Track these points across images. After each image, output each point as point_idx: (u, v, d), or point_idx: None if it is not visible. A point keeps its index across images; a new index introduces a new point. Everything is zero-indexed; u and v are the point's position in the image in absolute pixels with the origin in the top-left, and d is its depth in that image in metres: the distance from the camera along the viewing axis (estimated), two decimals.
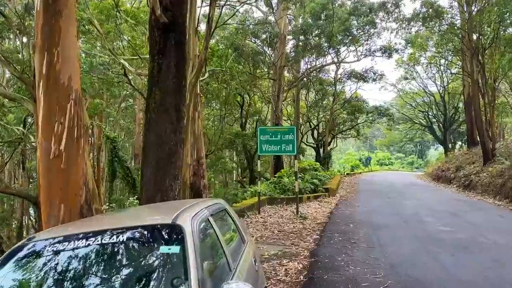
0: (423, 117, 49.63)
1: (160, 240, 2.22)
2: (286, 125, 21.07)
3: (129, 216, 2.83)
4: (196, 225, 2.35)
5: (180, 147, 9.57)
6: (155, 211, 3.22)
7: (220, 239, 2.67)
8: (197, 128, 15.48)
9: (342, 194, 16.55)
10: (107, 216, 3.21)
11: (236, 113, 37.72)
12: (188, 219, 2.33)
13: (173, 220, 2.28)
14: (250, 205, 10.46)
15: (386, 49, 31.82)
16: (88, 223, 2.97)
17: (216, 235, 2.67)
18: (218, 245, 2.62)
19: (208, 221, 2.69)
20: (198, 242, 2.20)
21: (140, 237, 2.25)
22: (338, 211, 11.08)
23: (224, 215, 3.36)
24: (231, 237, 3.28)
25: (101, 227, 2.39)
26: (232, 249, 3.00)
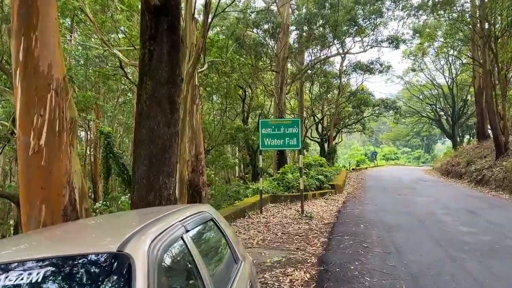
0: (430, 110, 48.61)
1: (96, 280, 1.44)
2: (290, 118, 20.01)
3: (66, 236, 2.04)
4: (158, 252, 1.58)
5: (175, 141, 8.80)
6: (108, 227, 2.40)
7: (199, 266, 1.91)
8: (196, 122, 14.71)
9: (349, 190, 15.76)
10: (39, 235, 2.40)
11: (238, 107, 36.94)
12: (144, 245, 1.56)
13: (119, 247, 1.51)
14: (252, 204, 9.71)
15: (394, 39, 30.89)
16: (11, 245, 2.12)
17: (193, 260, 1.90)
18: (195, 276, 1.85)
19: (182, 242, 1.92)
20: (156, 279, 1.44)
21: (68, 275, 1.48)
22: (346, 209, 10.29)
23: (210, 228, 2.59)
24: (218, 259, 2.51)
25: (17, 256, 1.63)
26: (219, 276, 2.23)
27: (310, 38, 30.57)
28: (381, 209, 10.25)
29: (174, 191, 9.20)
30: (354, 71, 34.80)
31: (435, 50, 41.36)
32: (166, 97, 8.84)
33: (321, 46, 31.71)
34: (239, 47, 26.70)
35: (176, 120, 9.12)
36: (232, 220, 8.00)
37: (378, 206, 10.95)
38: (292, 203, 11.62)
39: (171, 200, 9.14)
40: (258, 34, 28.87)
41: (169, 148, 8.97)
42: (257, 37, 28.77)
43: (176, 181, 9.65)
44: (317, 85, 37.93)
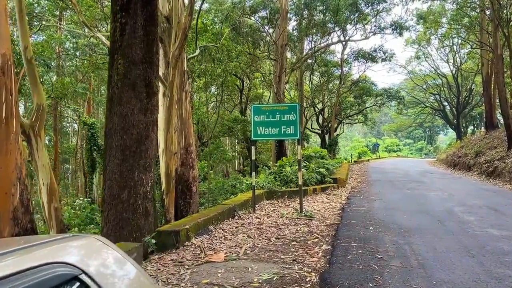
0: (434, 100, 47.21)
1: None
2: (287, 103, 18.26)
3: None
4: None
5: (152, 131, 7.49)
6: None
7: None
8: (185, 111, 13.41)
9: (353, 184, 14.51)
10: None
11: (236, 98, 35.62)
12: None
13: None
14: (244, 202, 8.45)
15: (397, 26, 29.42)
16: None
17: None
18: None
19: None
20: None
21: None
22: (351, 207, 9.04)
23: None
24: None
25: None
26: None
27: (310, 25, 29.16)
28: (391, 207, 9.00)
29: (152, 188, 7.86)
30: (356, 60, 33.40)
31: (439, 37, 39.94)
32: (142, 78, 7.45)
33: (322, 34, 30.29)
34: (236, 35, 25.34)
35: (154, 105, 7.75)
36: (219, 222, 6.75)
37: (387, 202, 9.69)
38: (290, 199, 10.37)
39: (148, 198, 7.81)
40: (256, 20, 27.46)
41: (146, 138, 7.62)
42: (254, 23, 27.37)
43: (153, 176, 8.27)
44: (317, 75, 36.58)
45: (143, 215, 7.24)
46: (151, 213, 7.35)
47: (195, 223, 5.81)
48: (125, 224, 7.02)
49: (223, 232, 6.32)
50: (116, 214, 7.12)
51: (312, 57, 31.62)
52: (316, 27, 28.77)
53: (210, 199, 23.27)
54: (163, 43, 13.09)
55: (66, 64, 28.31)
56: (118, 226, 7.01)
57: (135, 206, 7.21)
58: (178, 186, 13.22)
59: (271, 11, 26.43)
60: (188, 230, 5.54)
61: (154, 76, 7.34)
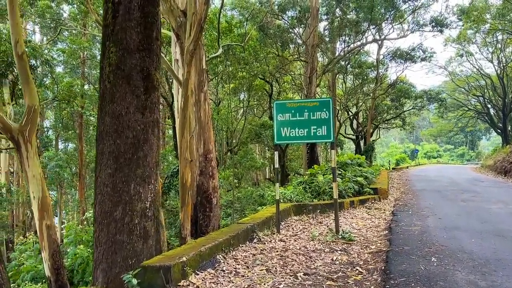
0: (477, 102, 44.02)
1: None
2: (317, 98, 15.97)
3: None
4: None
5: (152, 133, 6.06)
6: None
7: None
8: (204, 114, 12.05)
9: (396, 195, 12.67)
10: None
11: (264, 103, 34.23)
12: None
13: None
14: (267, 219, 6.93)
15: (438, 22, 27.20)
16: None
17: None
18: None
19: None
20: None
21: None
22: (400, 226, 7.32)
23: None
24: None
25: None
26: None
27: (342, 24, 27.43)
28: (450, 225, 7.22)
29: (154, 203, 6.47)
30: (392, 60, 31.27)
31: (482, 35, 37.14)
32: (138, 69, 6.07)
33: (355, 33, 28.43)
34: (263, 36, 23.98)
35: (155, 103, 6.35)
36: (231, 249, 5.27)
37: (443, 219, 7.90)
38: (323, 215, 8.75)
39: (147, 216, 6.49)
40: (284, 20, 26.03)
41: (144, 142, 6.21)
42: (282, 23, 25.95)
43: (156, 189, 6.85)
44: (351, 78, 34.64)
45: (141, 237, 5.85)
46: (152, 234, 5.97)
47: (196, 253, 4.36)
48: (119, 248, 5.65)
49: (235, 263, 4.82)
50: (108, 235, 5.77)
51: (344, 59, 29.80)
52: (349, 26, 26.98)
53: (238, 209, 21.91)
54: (179, 39, 11.89)
55: (92, 72, 27.87)
56: (111, 250, 5.66)
57: (130, 226, 5.84)
58: (196, 197, 11.89)
59: (301, 9, 24.95)
60: (184, 264, 4.09)
61: (154, 66, 6.00)
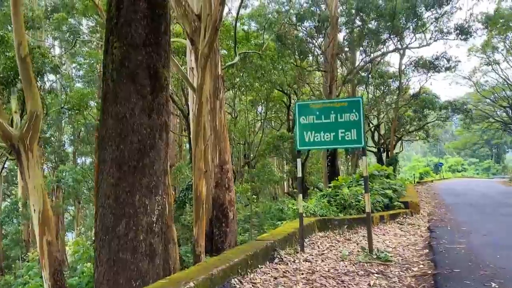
0: (504, 113, 42.28)
1: None
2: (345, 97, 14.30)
3: None
4: None
5: (160, 138, 5.25)
6: None
7: None
8: (219, 123, 11.39)
9: (428, 210, 11.67)
10: None
11: (283, 116, 33.54)
12: None
13: None
14: (289, 235, 6.13)
15: (462, 30, 26.16)
16: None
17: None
18: None
19: None
20: None
21: None
22: (442, 243, 6.41)
23: None
24: None
25: None
26: None
27: (362, 33, 26.69)
28: (500, 244, 6.27)
29: (161, 217, 5.68)
30: (415, 69, 30.23)
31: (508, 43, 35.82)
32: (144, 67, 5.32)
33: (376, 42, 27.58)
34: (282, 46, 23.42)
35: (163, 104, 5.57)
36: (249, 271, 4.50)
37: (489, 236, 6.95)
38: (351, 230, 7.89)
39: (154, 231, 5.75)
40: (302, 30, 25.46)
41: (151, 148, 5.46)
42: (301, 33, 25.37)
43: (165, 201, 6.09)
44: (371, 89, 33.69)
45: (147, 255, 5.11)
46: (159, 252, 5.23)
47: (206, 277, 3.62)
48: (122, 268, 4.92)
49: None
50: (109, 253, 5.04)
51: (365, 69, 28.95)
52: (370, 35, 26.20)
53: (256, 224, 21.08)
54: (194, 45, 11.36)
55: None
56: (112, 270, 4.93)
57: (135, 243, 5.11)
58: (212, 211, 11.17)
59: (320, 19, 24.35)
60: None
61: (162, 63, 5.34)
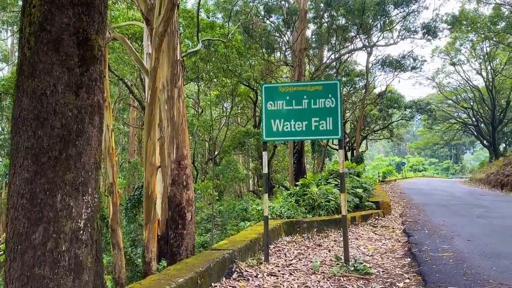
0: (465, 114, 43.29)
1: None
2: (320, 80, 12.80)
3: None
4: None
5: (90, 123, 3.97)
6: None
7: None
8: (177, 113, 10.26)
9: (400, 211, 11.07)
10: None
11: (249, 112, 32.65)
12: None
13: None
14: (251, 242, 5.17)
15: (429, 29, 26.16)
16: None
17: None
18: None
19: None
20: None
21: None
22: (425, 251, 5.65)
23: None
24: None
25: None
26: None
27: (330, 30, 26.18)
28: (490, 251, 5.57)
29: (91, 222, 4.29)
30: (382, 68, 30.10)
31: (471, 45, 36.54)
32: (72, 32, 3.95)
33: (344, 39, 27.15)
34: (248, 38, 22.47)
35: (96, 80, 4.22)
36: None
37: (473, 241, 6.27)
38: (320, 234, 7.03)
39: (81, 240, 4.31)
40: (270, 22, 24.59)
41: (78, 135, 4.08)
42: (268, 25, 24.49)
43: (95, 202, 4.76)
44: None
45: (71, 270, 3.91)
46: (87, 266, 4.09)
47: None
48: (38, 286, 3.73)
49: None
50: (22, 267, 3.80)
51: (332, 66, 28.51)
52: (338, 30, 25.72)
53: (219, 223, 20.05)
54: (149, 25, 10.19)
55: None
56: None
57: (55, 254, 3.87)
58: (168, 211, 10.05)
59: (288, 11, 23.57)
60: None
61: (95, 28, 4.18)
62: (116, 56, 21.57)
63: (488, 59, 36.81)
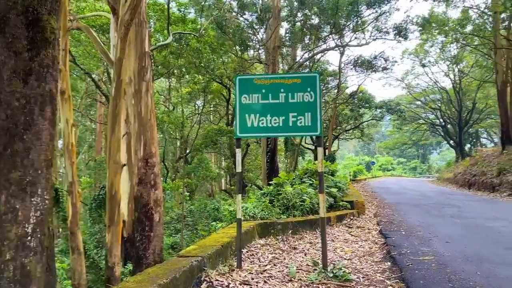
0: (434, 116, 44.33)
1: None
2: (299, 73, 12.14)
3: None
4: None
5: (40, 115, 3.41)
6: None
7: None
8: (145, 108, 9.72)
9: (373, 210, 10.94)
10: None
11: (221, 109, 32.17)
12: None
13: None
14: (223, 247, 4.79)
15: (400, 30, 26.44)
16: None
17: None
18: None
19: None
20: None
21: None
22: (404, 254, 5.42)
23: None
24: None
25: None
26: None
27: (304, 29, 26.09)
28: (471, 254, 5.39)
29: (41, 227, 3.89)
30: (354, 68, 30.27)
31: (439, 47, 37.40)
32: (20, 11, 4.05)
33: (317, 38, 27.12)
34: (222, 34, 22.00)
35: (47, 66, 3.70)
36: None
37: (452, 244, 6.11)
38: (295, 236, 6.73)
39: (28, 247, 3.82)
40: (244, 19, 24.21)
41: (27, 128, 3.75)
42: (242, 22, 24.11)
43: (45, 204, 4.29)
44: None
45: (16, 282, 3.48)
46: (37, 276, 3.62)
47: None
48: None
49: None
50: None
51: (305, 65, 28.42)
52: (312, 30, 25.64)
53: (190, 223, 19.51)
54: (115, 14, 9.61)
55: None
56: None
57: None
58: (134, 212, 9.50)
59: (262, 8, 23.27)
60: None
61: (47, 8, 3.71)
62: (83, 50, 20.65)
63: (456, 62, 37.78)
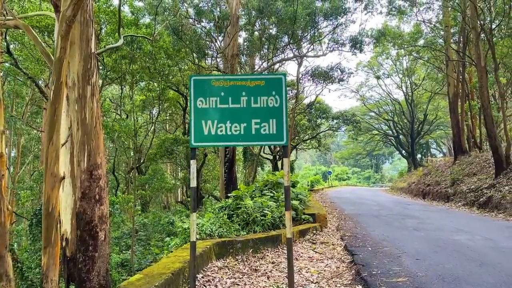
0: (387, 127, 45.60)
1: None
2: (263, 74, 11.50)
3: None
4: None
5: None
6: None
7: None
8: (90, 115, 8.75)
9: (335, 223, 10.57)
10: None
11: (178, 118, 31.19)
12: None
13: None
14: (174, 274, 4.10)
15: (356, 42, 26.84)
16: None
17: None
18: None
19: None
20: None
21: None
22: (375, 274, 4.97)
23: None
24: None
25: None
26: None
27: (262, 38, 25.89)
28: (447, 274, 5.02)
29: None
30: (311, 79, 30.41)
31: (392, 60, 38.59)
32: None
33: (275, 48, 27.02)
34: (178, 40, 21.24)
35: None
36: None
37: (423, 261, 5.76)
38: (257, 255, 6.13)
39: None
40: (201, 26, 23.60)
41: None
42: (199, 29, 23.49)
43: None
44: None
45: None
46: None
47: None
48: None
49: None
50: None
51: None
52: (270, 39, 25.47)
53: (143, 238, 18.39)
54: (58, 11, 8.70)
55: None
56: None
57: None
58: (77, 230, 8.53)
59: (220, 15, 22.78)
60: None
61: None
62: (26, 53, 19.17)
63: (408, 74, 39.10)
